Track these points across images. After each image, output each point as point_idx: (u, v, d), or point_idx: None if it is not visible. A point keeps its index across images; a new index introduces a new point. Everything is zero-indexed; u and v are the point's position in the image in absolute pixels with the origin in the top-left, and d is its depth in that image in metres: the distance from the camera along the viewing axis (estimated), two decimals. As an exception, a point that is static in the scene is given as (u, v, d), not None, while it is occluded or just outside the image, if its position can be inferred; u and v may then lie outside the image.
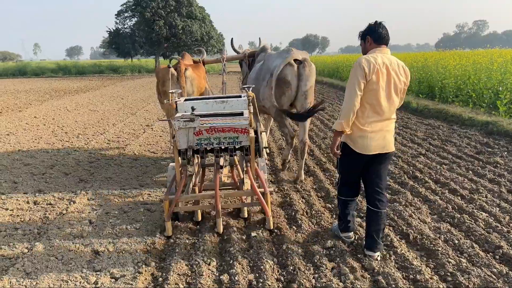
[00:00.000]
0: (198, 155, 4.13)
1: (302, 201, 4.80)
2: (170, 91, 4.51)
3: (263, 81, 5.49)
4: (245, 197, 4.43)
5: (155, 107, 13.95)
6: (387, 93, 3.22)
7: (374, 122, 3.27)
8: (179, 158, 4.10)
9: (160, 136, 8.94)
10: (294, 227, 4.09)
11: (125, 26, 43.30)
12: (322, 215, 4.34)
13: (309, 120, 5.46)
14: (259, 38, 7.32)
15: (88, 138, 8.86)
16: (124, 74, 38.10)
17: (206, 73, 6.77)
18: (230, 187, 4.75)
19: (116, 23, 43.15)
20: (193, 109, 3.88)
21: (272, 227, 4.02)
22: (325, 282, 3.04)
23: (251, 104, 4.39)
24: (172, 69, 5.69)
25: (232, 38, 7.44)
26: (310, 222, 4.20)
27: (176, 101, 4.38)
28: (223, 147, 4.04)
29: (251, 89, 4.52)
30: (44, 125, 10.64)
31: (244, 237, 3.91)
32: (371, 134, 3.27)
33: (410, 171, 5.79)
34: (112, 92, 19.74)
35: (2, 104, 15.38)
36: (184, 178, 4.08)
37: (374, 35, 3.30)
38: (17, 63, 52.83)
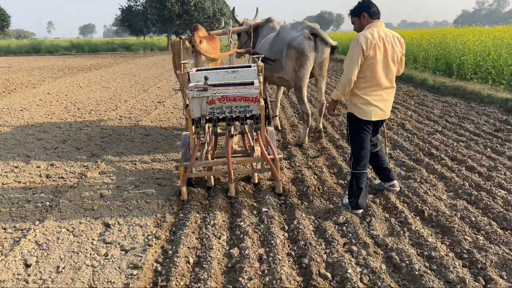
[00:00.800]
0: (210, 124, 4.28)
1: (314, 177, 4.73)
2: (182, 61, 4.51)
3: (280, 54, 5.51)
4: (255, 163, 4.59)
5: (167, 84, 13.89)
6: (385, 64, 3.51)
7: (374, 91, 3.55)
8: (193, 126, 4.21)
9: (172, 113, 8.90)
10: (305, 202, 4.03)
11: (137, 3, 42.95)
12: (334, 191, 4.26)
13: (324, 83, 5.75)
14: (257, 8, 7.17)
15: (100, 114, 8.86)
16: (137, 52, 38.03)
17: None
18: (241, 154, 4.90)
19: (129, 0, 42.82)
20: (206, 78, 3.88)
21: (281, 191, 4.19)
22: (337, 258, 2.99)
23: (260, 73, 4.37)
24: (187, 42, 5.61)
25: (233, 8, 7.33)
26: (322, 198, 4.13)
27: (188, 72, 4.41)
28: (234, 116, 4.14)
29: (260, 59, 4.48)
30: (57, 101, 10.68)
31: (255, 212, 3.87)
32: (373, 101, 3.55)
33: (426, 148, 5.65)
34: (125, 70, 19.72)
35: (17, 80, 15.48)
36: (197, 146, 4.22)
37: (369, 11, 3.53)
38: (31, 41, 53.03)
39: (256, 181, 4.52)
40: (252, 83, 4.15)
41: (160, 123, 7.86)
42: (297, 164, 5.21)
